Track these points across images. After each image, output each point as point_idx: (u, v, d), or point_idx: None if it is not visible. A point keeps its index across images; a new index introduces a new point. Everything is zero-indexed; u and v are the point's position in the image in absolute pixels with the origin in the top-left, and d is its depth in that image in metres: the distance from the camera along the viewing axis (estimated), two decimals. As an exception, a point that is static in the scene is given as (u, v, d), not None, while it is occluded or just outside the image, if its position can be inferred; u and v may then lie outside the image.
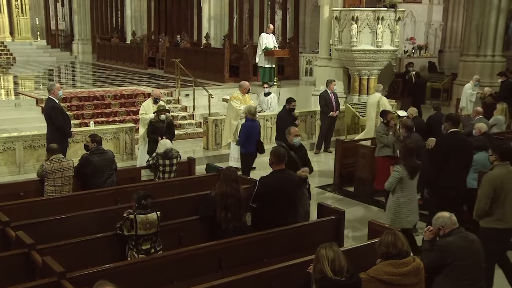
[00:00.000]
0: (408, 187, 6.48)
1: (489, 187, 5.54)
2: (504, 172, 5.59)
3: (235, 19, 20.19)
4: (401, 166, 6.46)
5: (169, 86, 15.27)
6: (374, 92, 13.56)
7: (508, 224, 5.56)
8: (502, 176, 5.56)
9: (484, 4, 15.55)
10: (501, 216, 5.54)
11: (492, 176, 5.62)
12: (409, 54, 22.70)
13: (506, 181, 5.54)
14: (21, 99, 13.06)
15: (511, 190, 5.56)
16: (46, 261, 4.52)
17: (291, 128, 7.09)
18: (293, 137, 6.92)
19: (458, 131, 6.99)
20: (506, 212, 5.55)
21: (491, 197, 5.51)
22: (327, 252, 3.94)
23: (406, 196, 6.47)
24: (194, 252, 5.14)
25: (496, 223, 5.54)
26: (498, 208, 5.52)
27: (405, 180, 6.43)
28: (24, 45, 24.59)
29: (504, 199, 5.52)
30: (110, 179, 7.29)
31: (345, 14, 13.17)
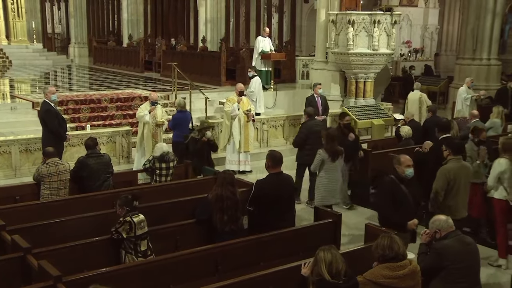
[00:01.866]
0: (330, 169, 7.29)
1: (443, 180, 5.92)
2: (457, 166, 5.99)
3: (232, 22, 20.22)
4: (323, 150, 7.34)
5: (166, 89, 15.25)
6: (370, 96, 13.66)
7: (460, 215, 5.92)
8: (454, 170, 5.95)
9: (480, 8, 15.61)
10: (453, 208, 5.92)
11: (446, 169, 5.98)
12: (405, 57, 22.77)
13: (458, 174, 5.94)
14: (17, 103, 13.03)
15: (463, 182, 5.97)
16: (42, 265, 4.51)
17: (402, 156, 5.76)
18: (405, 167, 5.63)
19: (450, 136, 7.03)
20: (458, 204, 5.96)
21: (445, 189, 5.90)
22: (325, 255, 3.95)
23: (329, 177, 7.25)
24: (191, 255, 5.13)
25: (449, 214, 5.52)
26: (451, 200, 5.91)
27: (326, 162, 7.26)
28: (20, 48, 24.53)
29: (457, 191, 5.93)
30: (107, 183, 7.30)
31: (342, 18, 13.20)
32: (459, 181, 5.95)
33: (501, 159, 6.65)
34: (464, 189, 6.05)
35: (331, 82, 14.30)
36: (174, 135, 9.74)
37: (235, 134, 10.39)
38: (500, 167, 6.57)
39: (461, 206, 6.03)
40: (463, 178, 6.00)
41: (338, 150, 7.34)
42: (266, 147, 11.74)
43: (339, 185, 7.62)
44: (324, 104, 11.45)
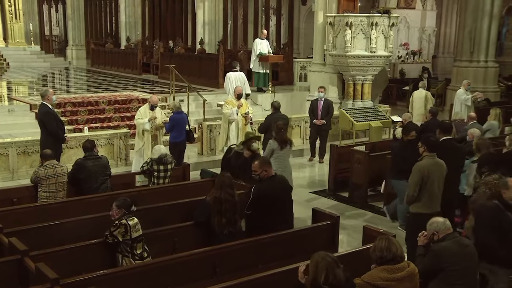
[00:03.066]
0: (279, 157, 7.87)
1: (417, 176, 6.08)
2: (431, 163, 6.14)
3: (230, 24, 20.23)
4: (273, 140, 7.98)
5: (164, 91, 15.25)
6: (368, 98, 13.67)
7: (433, 210, 6.03)
8: (428, 166, 6.10)
9: (477, 10, 15.66)
10: (428, 202, 6.09)
11: (420, 165, 6.14)
12: (403, 59, 22.83)
13: (432, 171, 6.09)
14: (15, 105, 13.01)
15: (436, 178, 6.11)
16: (40, 268, 4.50)
17: (510, 180, 5.38)
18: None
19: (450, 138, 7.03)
20: (432, 198, 6.11)
21: (419, 184, 6.05)
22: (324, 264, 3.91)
23: (279, 164, 7.68)
24: (188, 258, 5.13)
25: (422, 208, 6.07)
26: (425, 194, 6.06)
27: (276, 151, 7.88)
28: (17, 50, 24.50)
29: (430, 187, 6.07)
30: (104, 185, 7.28)
31: (339, 20, 13.23)
32: (433, 177, 6.12)
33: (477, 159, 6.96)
34: (437, 185, 6.20)
35: (329, 84, 14.31)
36: (172, 137, 9.72)
37: (232, 137, 10.39)
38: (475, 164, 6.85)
39: (434, 200, 6.19)
40: (436, 174, 6.16)
41: (286, 139, 8.06)
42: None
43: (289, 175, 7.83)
44: (326, 108, 11.46)
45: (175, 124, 9.62)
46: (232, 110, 10.35)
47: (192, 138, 9.96)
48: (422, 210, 6.07)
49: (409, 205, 6.31)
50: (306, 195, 9.52)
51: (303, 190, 9.78)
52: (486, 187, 5.69)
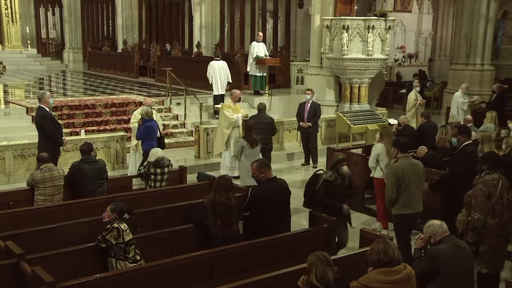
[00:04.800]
0: (250, 154, 8.56)
1: (393, 177, 6.24)
2: (405, 163, 6.28)
3: (226, 27, 20.26)
4: (243, 138, 8.72)
5: (161, 94, 15.25)
6: (365, 101, 13.69)
7: (414, 210, 6.25)
8: (403, 167, 6.24)
9: (473, 13, 15.72)
10: (407, 202, 6.22)
11: (395, 167, 6.32)
12: (399, 62, 22.88)
13: (406, 171, 6.23)
14: (11, 108, 12.99)
15: (412, 178, 6.24)
16: (36, 271, 4.48)
17: None
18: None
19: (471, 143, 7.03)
20: (411, 198, 6.23)
21: (395, 185, 6.19)
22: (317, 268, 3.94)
23: (250, 161, 7.77)
24: (185, 260, 5.12)
25: (404, 209, 6.23)
26: (402, 195, 6.19)
27: (246, 148, 8.57)
28: (14, 53, 24.47)
29: (406, 187, 6.19)
30: (101, 188, 7.25)
31: (336, 23, 13.25)
32: (408, 177, 6.23)
33: (377, 144, 7.83)
34: (415, 185, 6.29)
35: (326, 87, 14.33)
36: (145, 145, 9.22)
37: (233, 141, 10.36)
38: (376, 150, 7.71)
39: (414, 200, 6.28)
40: (412, 174, 6.26)
41: (255, 138, 8.71)
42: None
43: None
44: (313, 111, 11.34)
45: (148, 132, 9.25)
46: (238, 116, 10.31)
47: (163, 145, 9.46)
48: (403, 211, 6.23)
49: (390, 208, 6.41)
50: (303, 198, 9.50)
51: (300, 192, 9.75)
52: (484, 185, 5.66)
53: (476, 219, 5.56)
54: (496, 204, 5.59)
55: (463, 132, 7.13)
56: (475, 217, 5.57)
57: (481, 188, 5.64)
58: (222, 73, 13.90)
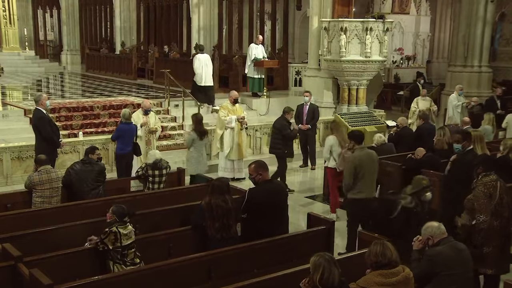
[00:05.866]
0: (198, 146, 9.25)
1: (351, 166, 6.84)
2: (362, 154, 6.89)
3: (225, 29, 20.25)
4: (193, 131, 9.27)
5: (159, 96, 15.24)
6: (363, 103, 13.71)
7: (367, 195, 6.86)
8: (360, 157, 6.85)
9: (471, 15, 15.76)
10: (361, 188, 6.82)
11: (353, 157, 6.96)
12: (397, 64, 22.91)
13: (363, 161, 6.83)
14: (9, 110, 12.96)
15: (367, 167, 6.83)
16: (34, 274, 4.47)
17: None
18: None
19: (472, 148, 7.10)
20: (365, 185, 6.84)
21: (353, 173, 6.77)
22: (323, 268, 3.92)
23: (198, 152, 9.21)
24: (183, 263, 5.11)
25: (358, 194, 6.84)
26: (359, 182, 6.79)
27: (196, 141, 9.17)
28: (12, 55, 24.42)
29: (362, 175, 6.78)
30: (95, 191, 7.21)
31: (334, 25, 13.26)
32: (365, 166, 6.80)
33: (330, 136, 8.57)
34: (369, 173, 6.86)
35: (324, 89, 14.33)
36: (118, 148, 9.18)
37: (227, 142, 10.38)
38: (330, 142, 8.45)
39: (368, 186, 6.89)
40: (367, 163, 6.85)
41: (204, 130, 9.35)
42: (259, 154, 11.75)
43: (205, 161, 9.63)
44: (311, 113, 11.37)
45: (121, 135, 9.12)
46: (231, 118, 10.32)
47: (139, 151, 9.37)
48: (357, 196, 6.83)
49: (346, 193, 7.03)
50: (301, 200, 9.53)
51: (298, 194, 9.79)
52: (484, 187, 5.68)
53: (482, 221, 5.53)
54: (497, 205, 5.60)
55: (468, 138, 7.12)
56: (480, 219, 5.53)
57: (482, 190, 5.64)
58: (208, 66, 14.36)
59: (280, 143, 9.71)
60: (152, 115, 9.98)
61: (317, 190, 10.12)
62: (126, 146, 9.13)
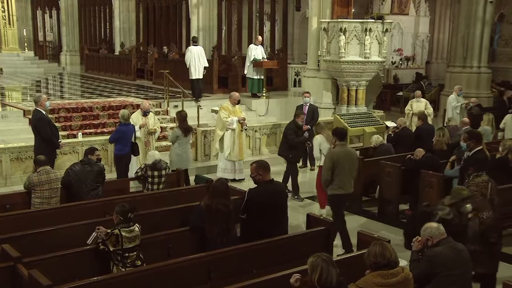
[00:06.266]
0: (182, 142, 9.33)
1: (329, 161, 7.00)
2: (341, 150, 7.05)
3: (224, 30, 20.26)
4: (178, 127, 9.41)
5: (158, 97, 15.24)
6: (362, 104, 13.72)
7: (346, 191, 7.03)
8: (338, 153, 7.01)
9: (470, 16, 15.77)
10: (341, 184, 6.97)
11: (332, 153, 7.13)
12: (396, 65, 22.92)
13: (341, 157, 6.98)
14: (8, 111, 12.96)
15: (346, 163, 6.98)
16: (33, 274, 4.47)
17: None
18: None
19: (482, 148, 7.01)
20: (344, 181, 6.99)
21: (331, 168, 6.92)
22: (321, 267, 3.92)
23: (182, 148, 9.32)
24: (183, 263, 5.11)
25: (338, 190, 6.99)
26: (337, 177, 6.93)
27: (180, 137, 9.24)
28: (11, 56, 24.41)
29: (340, 171, 6.93)
30: (94, 192, 7.20)
31: (333, 26, 13.27)
32: (343, 162, 6.95)
33: (317, 136, 8.62)
34: (348, 169, 7.02)
35: (323, 89, 14.34)
36: (117, 149, 9.19)
37: (227, 143, 10.37)
38: (317, 141, 8.51)
39: (347, 183, 7.05)
40: (346, 159, 7.01)
41: (188, 127, 9.43)
42: (259, 154, 11.75)
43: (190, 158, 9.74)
44: (311, 114, 11.33)
45: (121, 137, 9.13)
46: (233, 119, 10.31)
47: (137, 151, 9.42)
48: (337, 191, 6.99)
49: (325, 188, 7.18)
50: (300, 201, 9.52)
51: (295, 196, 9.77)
52: (477, 187, 5.74)
53: (486, 217, 5.50)
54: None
55: (473, 137, 7.09)
56: (484, 216, 5.51)
57: (474, 190, 5.73)
58: (200, 58, 14.69)
59: (286, 147, 9.62)
60: (151, 116, 9.98)
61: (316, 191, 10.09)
62: (125, 147, 9.14)
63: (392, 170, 8.61)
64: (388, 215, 8.64)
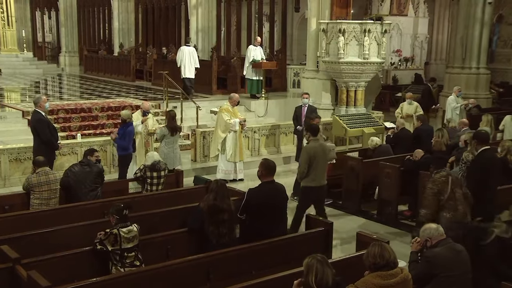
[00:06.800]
0: (169, 142, 9.46)
1: (306, 156, 7.33)
2: (316, 145, 7.43)
3: (223, 31, 20.27)
4: (165, 126, 9.51)
5: (157, 98, 15.25)
6: (361, 104, 13.72)
7: (319, 183, 7.40)
8: (314, 148, 7.38)
9: (468, 17, 15.80)
10: (314, 177, 7.34)
11: (308, 147, 7.49)
12: (395, 66, 22.94)
13: (317, 152, 7.37)
14: (7, 112, 12.95)
15: (321, 158, 7.39)
16: (32, 276, 4.47)
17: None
18: None
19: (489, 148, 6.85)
20: (317, 174, 7.37)
21: (308, 162, 7.26)
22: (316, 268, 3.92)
23: (169, 147, 9.42)
24: (182, 264, 5.11)
25: (311, 182, 7.33)
26: (313, 171, 7.30)
27: (167, 136, 9.36)
28: (10, 57, 24.41)
29: (316, 165, 7.31)
30: (93, 193, 7.19)
31: (332, 27, 13.28)
32: (318, 157, 7.34)
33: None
34: (322, 163, 7.44)
35: (322, 90, 14.35)
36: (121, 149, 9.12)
37: (229, 145, 10.36)
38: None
39: (320, 175, 7.44)
40: (320, 154, 7.40)
41: (176, 127, 9.56)
42: (258, 155, 11.75)
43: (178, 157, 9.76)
44: (309, 114, 11.35)
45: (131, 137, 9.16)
46: (235, 121, 10.31)
47: (135, 148, 9.52)
48: (310, 184, 7.33)
49: (300, 181, 7.51)
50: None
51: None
52: (432, 184, 5.93)
53: (422, 214, 5.97)
54: (449, 199, 5.81)
55: (476, 138, 7.05)
56: (421, 213, 6.01)
57: (430, 187, 5.96)
58: (191, 58, 15.07)
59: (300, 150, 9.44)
60: (150, 117, 9.97)
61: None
62: (129, 146, 9.20)
63: (391, 171, 8.61)
64: (387, 216, 8.64)
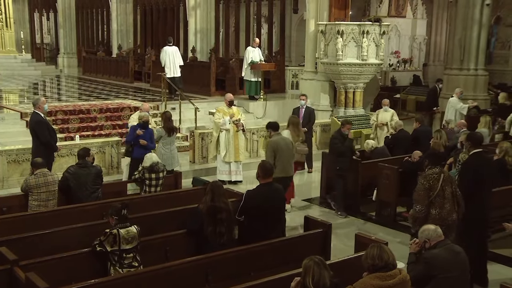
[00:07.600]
0: (166, 142, 9.44)
1: (270, 149, 7.96)
2: (278, 138, 8.07)
3: (221, 32, 20.28)
4: (161, 127, 9.50)
5: (155, 99, 15.24)
6: (360, 106, 13.72)
7: (287, 174, 7.97)
8: (277, 141, 8.00)
9: (467, 19, 15.81)
10: (282, 168, 7.81)
11: (272, 141, 8.06)
12: (394, 67, 22.97)
13: (280, 144, 7.97)
14: (5, 113, 12.94)
15: (285, 150, 7.97)
16: (30, 277, 4.46)
17: None
18: None
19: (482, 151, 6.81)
20: (285, 165, 7.91)
21: (273, 155, 7.82)
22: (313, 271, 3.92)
23: (166, 149, 9.41)
24: (180, 266, 5.10)
25: (280, 173, 7.60)
26: (279, 163, 7.78)
27: (164, 137, 9.36)
28: (8, 58, 24.38)
29: (280, 157, 7.86)
30: (95, 194, 7.20)
31: (331, 28, 13.29)
32: (282, 149, 7.91)
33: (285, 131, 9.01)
34: (286, 154, 7.97)
35: (321, 92, 14.36)
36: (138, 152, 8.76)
37: (222, 145, 10.38)
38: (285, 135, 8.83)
39: (287, 167, 8.00)
40: (283, 146, 7.96)
41: (172, 127, 9.61)
42: (256, 157, 11.75)
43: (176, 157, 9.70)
44: (308, 116, 11.33)
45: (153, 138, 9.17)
46: (225, 120, 10.33)
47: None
48: (279, 174, 7.49)
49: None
50: (298, 203, 9.52)
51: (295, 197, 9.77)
52: (424, 179, 5.99)
53: (418, 210, 5.96)
54: (438, 196, 5.85)
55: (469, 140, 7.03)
56: (416, 209, 5.99)
57: (422, 182, 6.01)
58: (174, 58, 15.41)
59: (332, 158, 9.07)
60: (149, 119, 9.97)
61: (314, 193, 10.12)
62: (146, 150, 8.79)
63: (390, 172, 8.62)
64: (385, 217, 8.65)
